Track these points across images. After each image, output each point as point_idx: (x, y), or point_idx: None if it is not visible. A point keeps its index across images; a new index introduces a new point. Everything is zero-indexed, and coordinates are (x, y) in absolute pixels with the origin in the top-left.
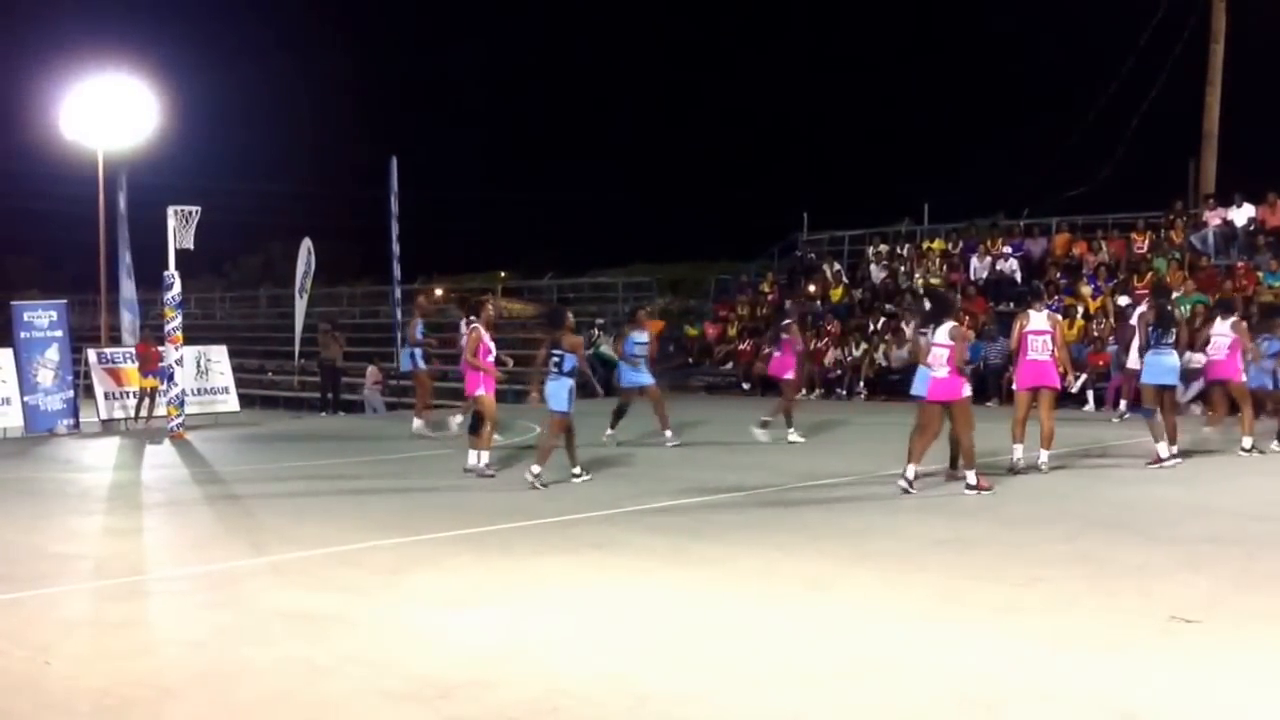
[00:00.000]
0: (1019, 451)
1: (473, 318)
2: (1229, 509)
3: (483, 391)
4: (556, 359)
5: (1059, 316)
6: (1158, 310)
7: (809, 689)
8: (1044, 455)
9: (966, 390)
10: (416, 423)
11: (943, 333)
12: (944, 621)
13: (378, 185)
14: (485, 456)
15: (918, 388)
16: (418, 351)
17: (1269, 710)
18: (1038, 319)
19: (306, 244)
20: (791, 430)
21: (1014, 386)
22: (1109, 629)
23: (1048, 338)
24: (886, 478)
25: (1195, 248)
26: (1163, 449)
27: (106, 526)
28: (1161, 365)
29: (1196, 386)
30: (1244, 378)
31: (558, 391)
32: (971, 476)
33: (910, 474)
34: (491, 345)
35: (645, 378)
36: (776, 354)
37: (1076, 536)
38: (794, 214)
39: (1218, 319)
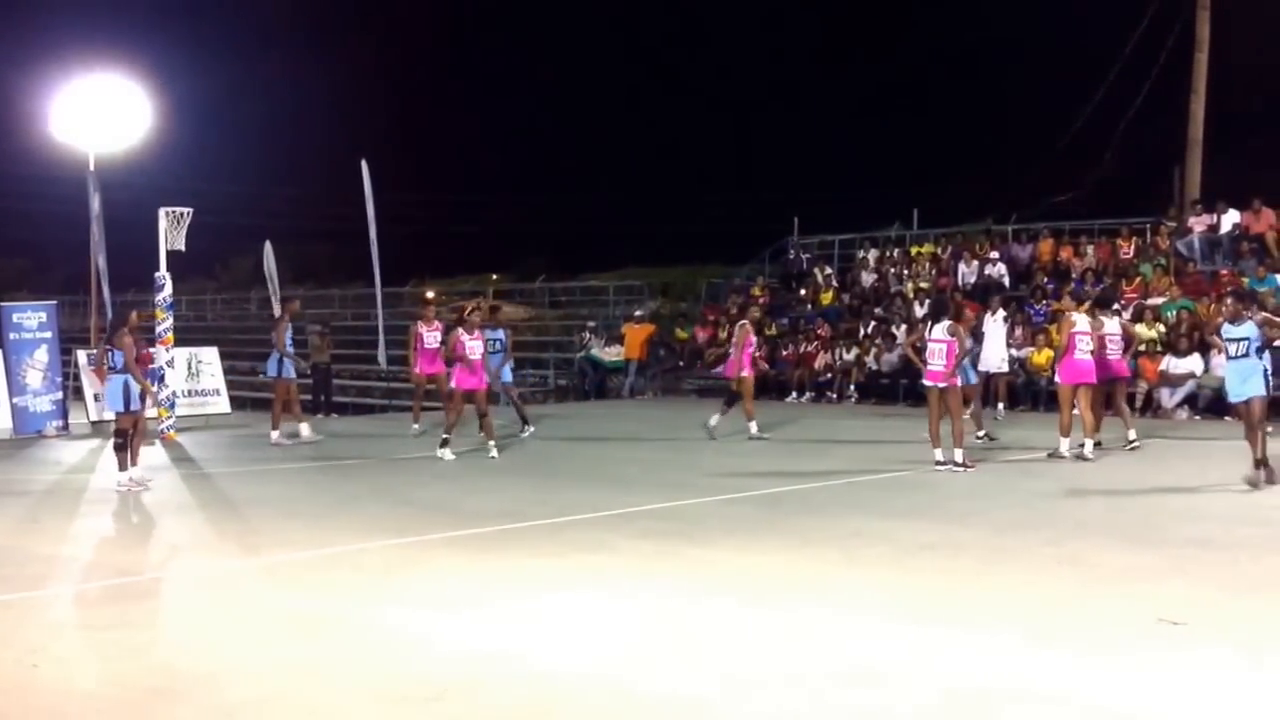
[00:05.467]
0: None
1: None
2: (1217, 513)
3: (453, 384)
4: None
5: (1125, 319)
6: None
7: (800, 691)
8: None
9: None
10: (274, 434)
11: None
12: (934, 624)
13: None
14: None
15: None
16: (287, 360)
17: (1254, 711)
18: (1110, 324)
19: (267, 248)
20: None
21: (1071, 382)
22: (1096, 631)
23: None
24: (878, 480)
25: (1181, 253)
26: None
27: (96, 528)
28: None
29: (1183, 391)
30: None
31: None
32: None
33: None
34: (469, 345)
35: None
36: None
37: (1065, 540)
38: (785, 218)
39: (1105, 319)
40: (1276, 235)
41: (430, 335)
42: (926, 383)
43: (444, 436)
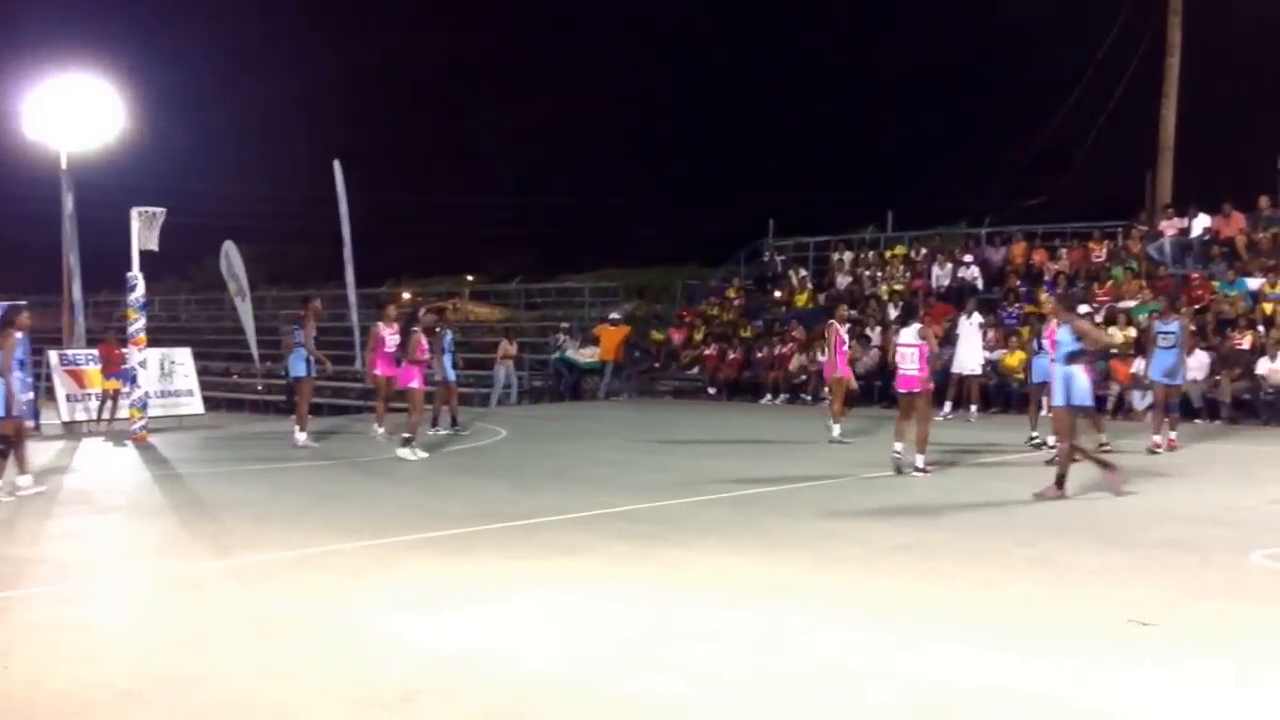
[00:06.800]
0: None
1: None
2: (1187, 514)
3: (415, 384)
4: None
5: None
6: None
7: (773, 692)
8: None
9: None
10: (301, 436)
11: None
12: (906, 625)
13: (347, 187)
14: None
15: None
16: (311, 357)
17: (1222, 710)
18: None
19: (228, 247)
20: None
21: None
22: (1068, 632)
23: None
24: (850, 482)
25: (1152, 257)
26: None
27: (68, 530)
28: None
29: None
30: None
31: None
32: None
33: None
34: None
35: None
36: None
37: (1037, 541)
38: (760, 220)
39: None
40: (1246, 239)
41: (391, 337)
42: (900, 390)
43: (405, 436)
